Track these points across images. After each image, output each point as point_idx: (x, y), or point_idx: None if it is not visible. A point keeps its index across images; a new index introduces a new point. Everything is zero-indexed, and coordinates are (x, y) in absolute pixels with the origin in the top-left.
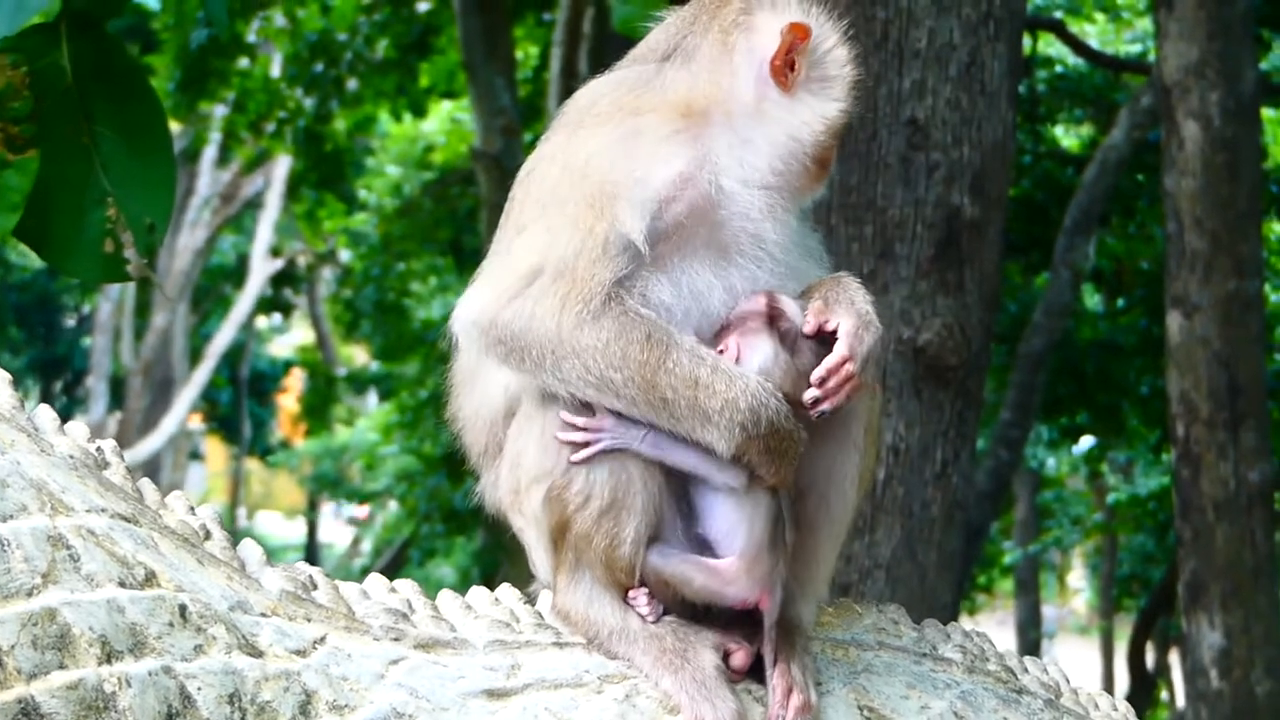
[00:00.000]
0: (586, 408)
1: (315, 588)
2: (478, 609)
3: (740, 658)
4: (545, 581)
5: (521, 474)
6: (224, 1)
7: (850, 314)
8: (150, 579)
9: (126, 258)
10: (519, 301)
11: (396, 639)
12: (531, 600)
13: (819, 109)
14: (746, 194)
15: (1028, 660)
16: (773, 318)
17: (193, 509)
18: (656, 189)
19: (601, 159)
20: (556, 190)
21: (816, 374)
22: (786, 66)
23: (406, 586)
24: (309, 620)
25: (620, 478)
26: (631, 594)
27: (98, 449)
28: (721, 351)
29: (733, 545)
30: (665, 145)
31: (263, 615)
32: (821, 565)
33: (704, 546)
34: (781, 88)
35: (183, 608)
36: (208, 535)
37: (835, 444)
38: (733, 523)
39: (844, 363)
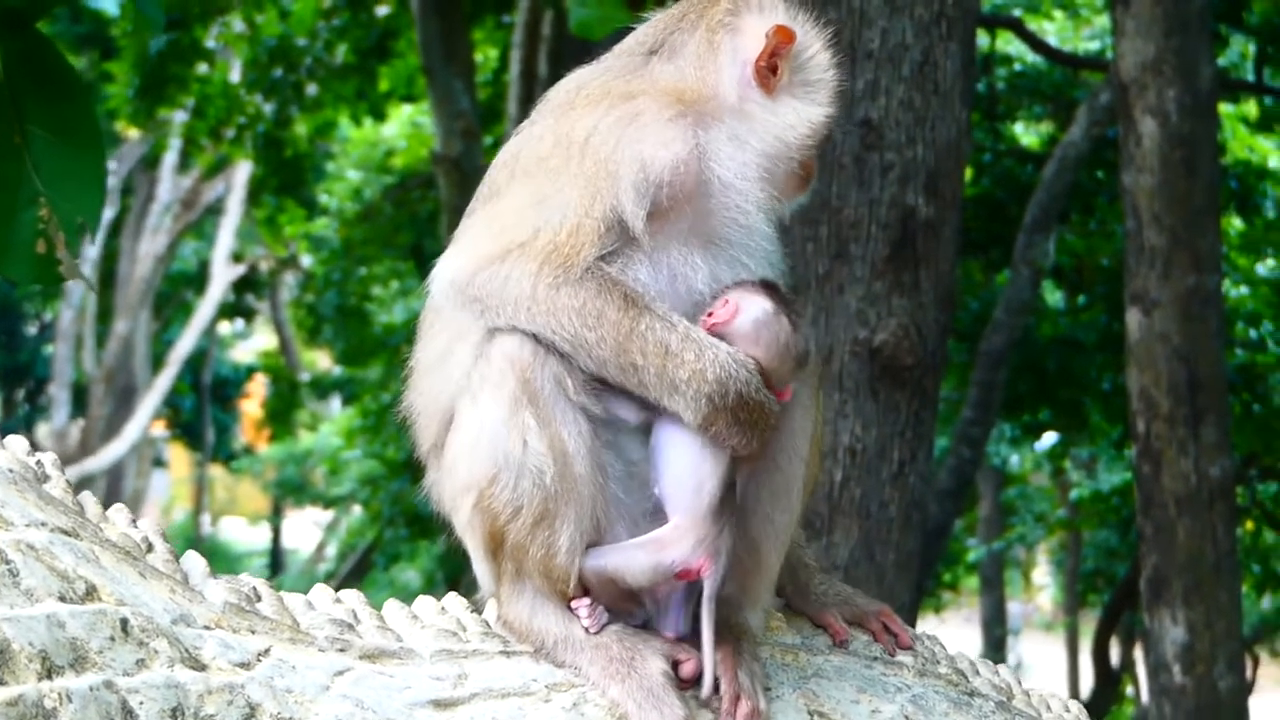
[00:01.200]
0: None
1: (259, 599)
2: (424, 619)
3: (689, 667)
4: (488, 591)
5: (454, 482)
6: (159, 3)
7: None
8: (91, 593)
9: (59, 258)
10: (498, 264)
11: (342, 650)
12: (478, 609)
13: (803, 112)
14: (741, 185)
15: (979, 663)
16: (769, 285)
17: (135, 522)
18: (658, 172)
19: (603, 136)
20: (548, 162)
21: None
22: (770, 69)
23: (352, 597)
24: (253, 632)
25: (552, 489)
26: (574, 603)
27: (37, 462)
28: (724, 304)
29: (680, 503)
30: (666, 129)
31: (206, 628)
32: (766, 571)
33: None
34: (764, 89)
35: (124, 622)
36: (150, 548)
37: (780, 453)
38: (684, 480)
39: None
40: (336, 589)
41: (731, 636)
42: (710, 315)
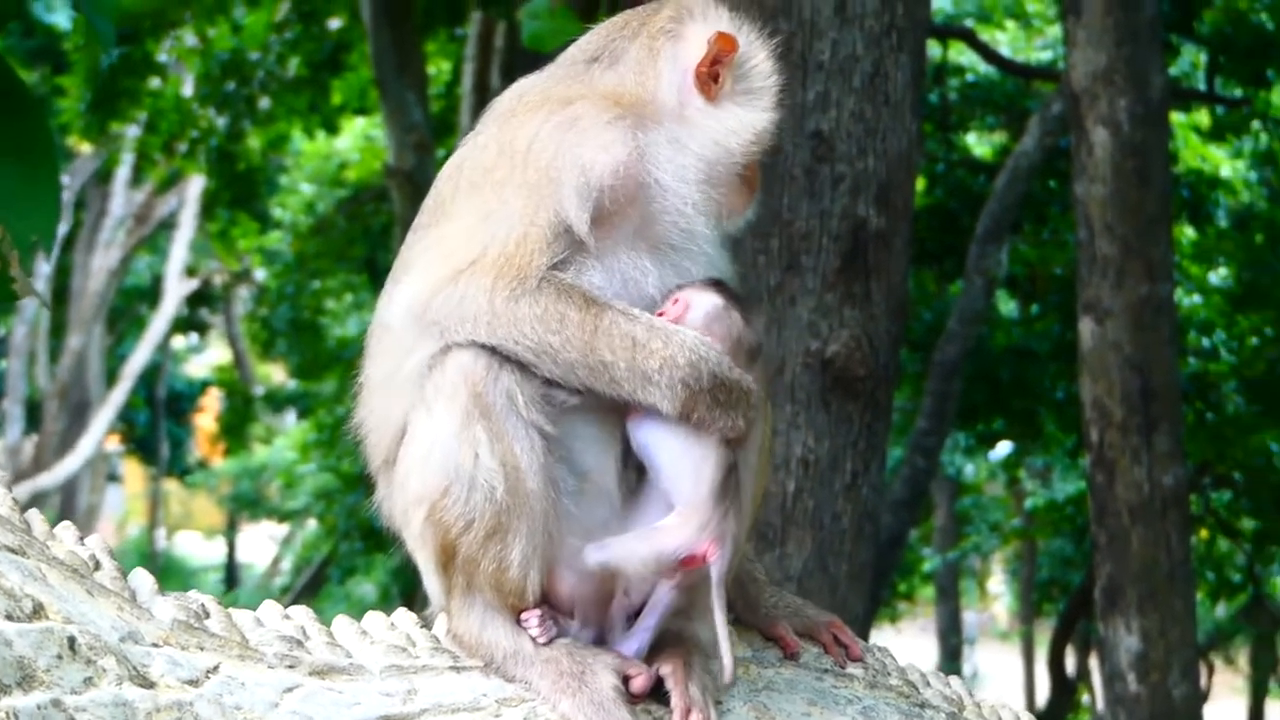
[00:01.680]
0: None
1: (208, 616)
2: (373, 634)
3: (640, 682)
4: (438, 605)
5: (406, 495)
6: (109, 21)
7: None
8: (38, 611)
9: (13, 276)
10: (452, 286)
11: (291, 666)
12: (428, 624)
13: (745, 119)
14: (682, 189)
15: (930, 674)
16: (717, 283)
17: (82, 539)
18: (599, 175)
19: (543, 144)
20: (493, 174)
21: None
22: (711, 76)
23: (301, 613)
24: (202, 649)
25: (503, 503)
26: (524, 615)
27: None
28: (674, 303)
29: (680, 492)
30: (605, 132)
31: (154, 645)
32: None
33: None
34: (705, 96)
35: (72, 640)
36: (97, 565)
37: None
38: (680, 468)
39: None
40: (292, 603)
41: (682, 649)
42: (661, 315)
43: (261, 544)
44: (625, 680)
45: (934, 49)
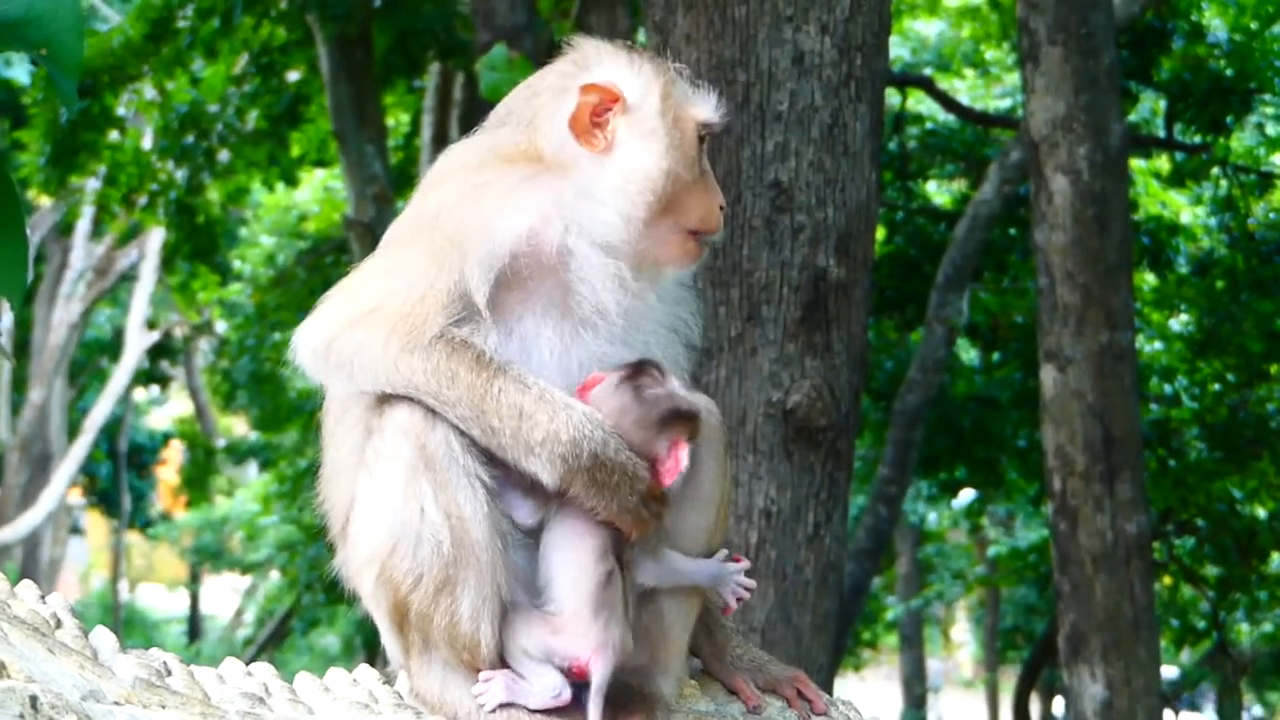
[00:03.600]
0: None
1: (170, 674)
2: (336, 691)
3: None
4: (398, 664)
5: (358, 555)
6: (72, 80)
7: None
8: (0, 670)
9: None
10: (351, 331)
11: None
12: (390, 680)
13: (636, 165)
14: (593, 256)
15: None
16: (636, 374)
17: (43, 598)
18: (503, 243)
19: (451, 211)
20: (403, 237)
21: None
22: (595, 127)
23: (263, 670)
24: (164, 707)
25: (450, 555)
26: (484, 675)
27: None
28: (580, 389)
29: (560, 596)
30: (512, 196)
31: (116, 704)
32: (675, 639)
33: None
34: (590, 148)
35: (34, 699)
36: (59, 624)
37: (684, 521)
38: (562, 572)
39: None
40: (255, 654)
41: (645, 706)
42: (581, 388)
43: (224, 596)
44: None
45: (893, 97)
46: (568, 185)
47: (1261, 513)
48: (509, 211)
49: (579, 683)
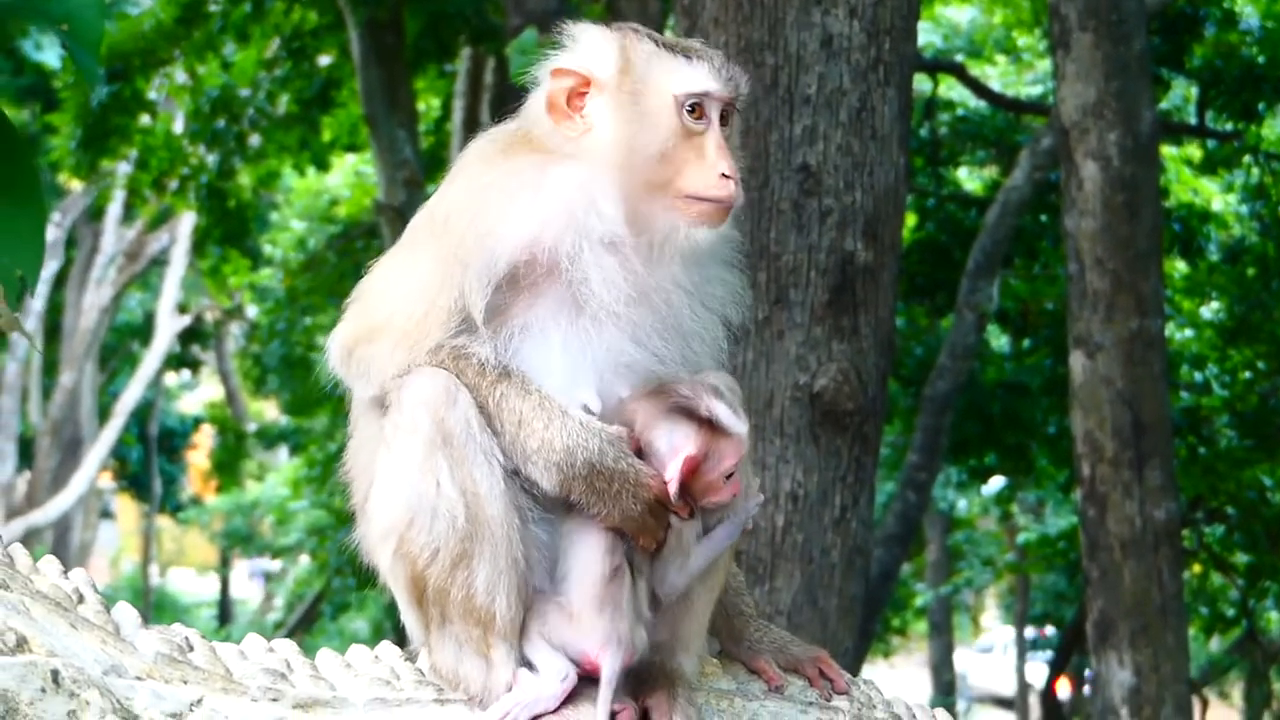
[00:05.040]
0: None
1: (192, 649)
2: (357, 667)
3: (625, 716)
4: (418, 640)
5: (375, 529)
6: (94, 56)
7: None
8: (21, 645)
9: None
10: (366, 344)
11: (275, 699)
12: (412, 657)
13: (609, 140)
14: (595, 254)
15: (916, 707)
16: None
17: (65, 573)
18: (501, 256)
19: (457, 216)
20: (417, 235)
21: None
22: (567, 108)
23: (285, 646)
24: (185, 682)
25: (465, 530)
26: (494, 709)
27: None
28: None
29: (571, 589)
30: (511, 202)
31: (138, 679)
32: (697, 618)
33: None
34: (571, 131)
35: (55, 673)
36: (81, 599)
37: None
38: (572, 567)
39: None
40: (285, 638)
41: (666, 682)
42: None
43: (254, 580)
44: (612, 716)
45: (925, 84)
46: (563, 175)
47: None
48: (507, 220)
49: (592, 678)
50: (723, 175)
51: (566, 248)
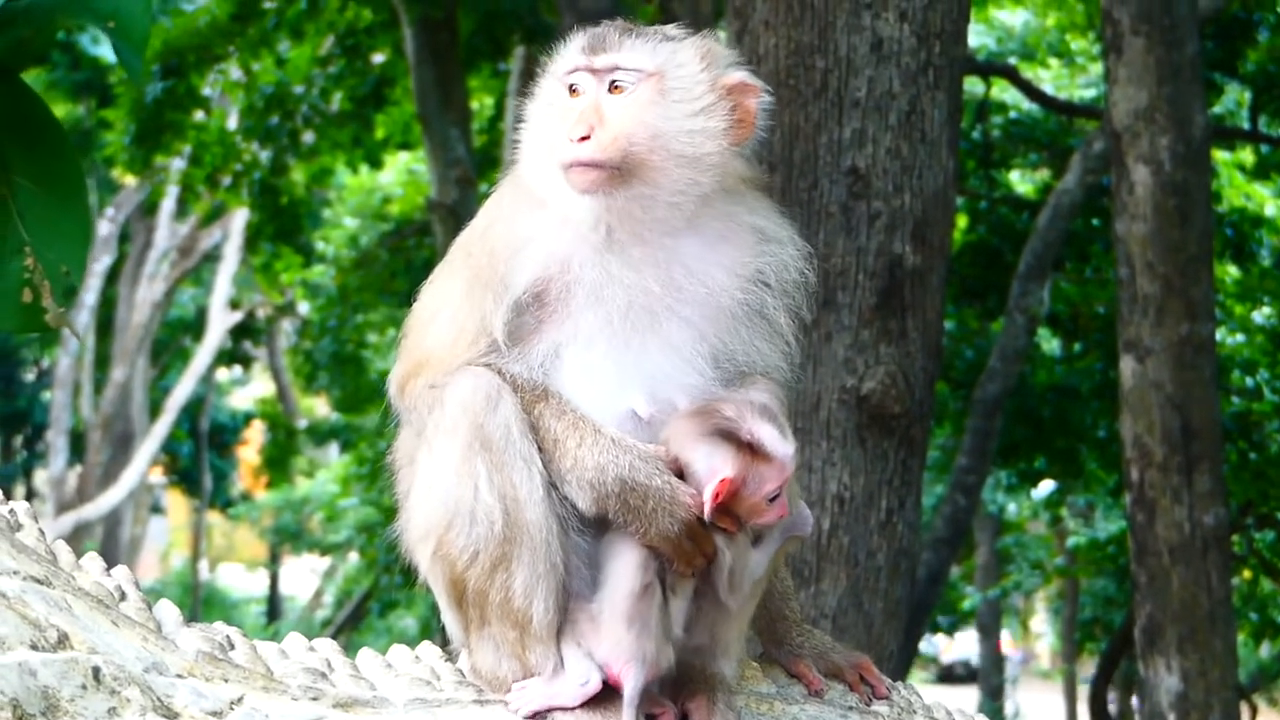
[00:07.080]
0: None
1: (233, 648)
2: (398, 667)
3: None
4: (458, 640)
5: (415, 529)
6: (138, 54)
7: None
8: (63, 641)
9: (45, 307)
10: (413, 380)
11: (315, 699)
12: (453, 658)
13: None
14: (602, 260)
15: (956, 712)
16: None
17: (108, 570)
18: (518, 285)
19: (479, 242)
20: (454, 256)
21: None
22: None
23: (326, 645)
24: (226, 681)
25: (503, 534)
26: (517, 686)
27: (10, 511)
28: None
29: (602, 599)
30: (518, 224)
31: (179, 676)
32: (737, 621)
33: None
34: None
35: (96, 670)
36: (123, 596)
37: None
38: (606, 577)
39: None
40: (333, 636)
41: (706, 686)
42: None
43: (304, 577)
44: (650, 718)
45: (977, 86)
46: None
47: None
48: (516, 240)
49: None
50: (571, 140)
51: (573, 261)
